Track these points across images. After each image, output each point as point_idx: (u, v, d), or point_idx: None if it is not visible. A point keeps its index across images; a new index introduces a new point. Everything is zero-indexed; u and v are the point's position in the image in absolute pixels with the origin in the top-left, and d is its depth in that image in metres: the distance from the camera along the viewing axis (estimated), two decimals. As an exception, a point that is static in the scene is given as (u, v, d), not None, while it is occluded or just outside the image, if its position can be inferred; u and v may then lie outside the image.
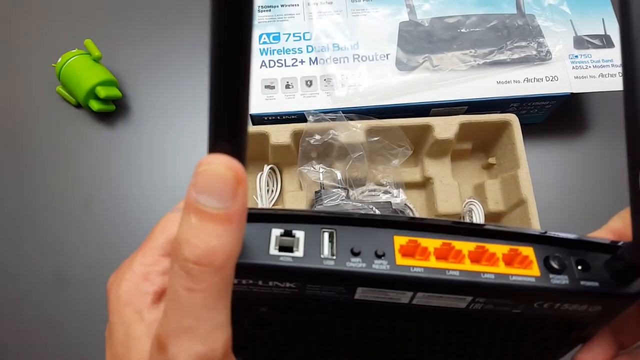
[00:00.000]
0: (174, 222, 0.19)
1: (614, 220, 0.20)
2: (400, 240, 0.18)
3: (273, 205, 0.48)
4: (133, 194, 0.51)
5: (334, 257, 0.17)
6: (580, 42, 0.48)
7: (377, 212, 0.44)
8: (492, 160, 0.49)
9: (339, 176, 0.47)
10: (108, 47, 0.55)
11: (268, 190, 0.48)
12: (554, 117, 0.52)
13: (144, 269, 0.18)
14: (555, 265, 0.18)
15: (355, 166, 0.46)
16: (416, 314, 0.20)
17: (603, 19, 0.49)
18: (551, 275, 0.18)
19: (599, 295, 0.18)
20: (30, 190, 0.51)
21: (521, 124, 0.45)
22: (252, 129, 0.46)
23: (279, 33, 0.50)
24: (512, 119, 0.45)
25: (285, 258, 0.17)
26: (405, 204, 0.47)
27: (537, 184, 0.44)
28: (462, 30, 0.49)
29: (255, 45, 0.50)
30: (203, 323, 0.14)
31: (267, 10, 0.51)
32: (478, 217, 0.45)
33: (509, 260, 0.18)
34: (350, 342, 0.23)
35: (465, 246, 0.18)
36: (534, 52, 0.48)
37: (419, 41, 0.49)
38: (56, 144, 0.53)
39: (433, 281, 0.17)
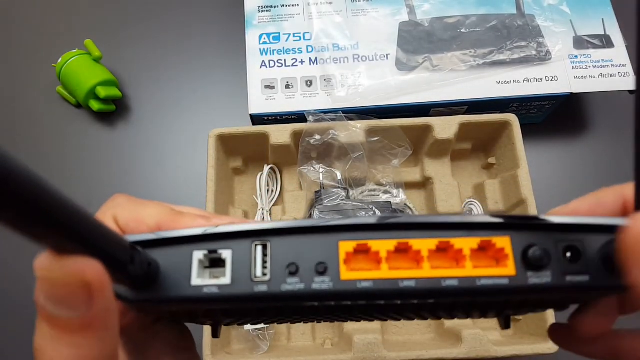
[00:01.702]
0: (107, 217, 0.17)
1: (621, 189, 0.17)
2: (346, 246, 0.15)
3: (273, 206, 0.48)
4: (133, 193, 0.51)
5: (268, 279, 0.15)
6: (580, 42, 0.49)
7: (378, 212, 0.44)
8: (492, 160, 0.49)
9: (339, 176, 0.47)
10: (108, 47, 0.55)
11: (268, 190, 0.48)
12: (553, 117, 0.52)
13: None
14: (535, 259, 0.15)
15: (355, 166, 0.46)
16: (378, 307, 0.18)
17: (603, 19, 0.49)
18: (529, 273, 0.15)
19: (588, 288, 0.15)
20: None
21: (521, 124, 0.45)
22: (252, 129, 0.46)
23: (279, 33, 0.50)
24: (512, 119, 0.45)
25: (210, 288, 0.15)
26: (405, 204, 0.47)
27: (537, 184, 0.44)
28: (462, 31, 0.49)
29: (256, 45, 0.50)
30: None
31: (267, 11, 0.51)
32: (478, 217, 0.45)
33: (478, 257, 0.15)
34: (318, 314, 0.21)
35: (426, 244, 0.15)
36: (534, 52, 0.48)
37: (419, 41, 0.49)
38: (56, 144, 0.53)
39: (384, 294, 0.15)
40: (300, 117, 0.47)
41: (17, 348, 0.45)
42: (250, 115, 0.47)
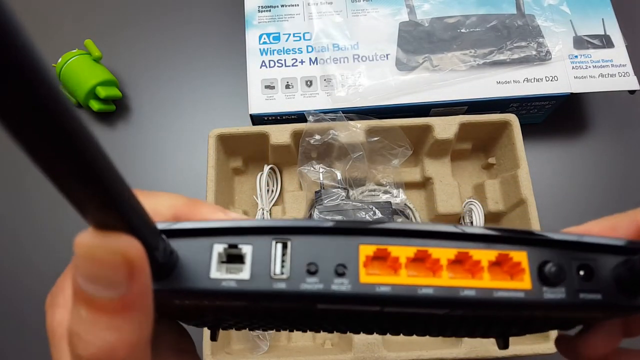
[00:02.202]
0: None
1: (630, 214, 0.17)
2: (366, 250, 0.15)
3: (273, 206, 0.48)
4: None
5: (287, 277, 0.15)
6: (580, 42, 0.49)
7: (378, 212, 0.44)
8: (492, 160, 0.49)
9: (339, 176, 0.47)
10: (108, 47, 0.55)
11: (268, 190, 0.48)
12: (553, 117, 0.52)
13: None
14: (550, 275, 0.15)
15: (355, 166, 0.46)
16: (390, 317, 0.18)
17: (603, 19, 0.49)
18: (544, 288, 0.15)
19: (600, 307, 0.15)
20: (30, 191, 0.51)
21: (521, 124, 0.45)
22: (252, 129, 0.46)
23: (279, 33, 0.50)
24: (512, 119, 0.45)
25: (229, 282, 0.15)
26: (405, 204, 0.47)
27: (537, 184, 0.44)
28: (462, 30, 0.49)
29: (256, 45, 0.50)
30: None
31: (267, 11, 0.51)
32: (478, 217, 0.45)
33: (495, 270, 0.16)
34: (323, 322, 0.21)
35: (445, 253, 0.15)
36: (534, 52, 0.48)
37: (419, 41, 0.49)
38: (56, 144, 0.53)
39: (402, 300, 0.15)
40: (300, 117, 0.47)
41: (17, 348, 0.45)
42: (250, 115, 0.47)
